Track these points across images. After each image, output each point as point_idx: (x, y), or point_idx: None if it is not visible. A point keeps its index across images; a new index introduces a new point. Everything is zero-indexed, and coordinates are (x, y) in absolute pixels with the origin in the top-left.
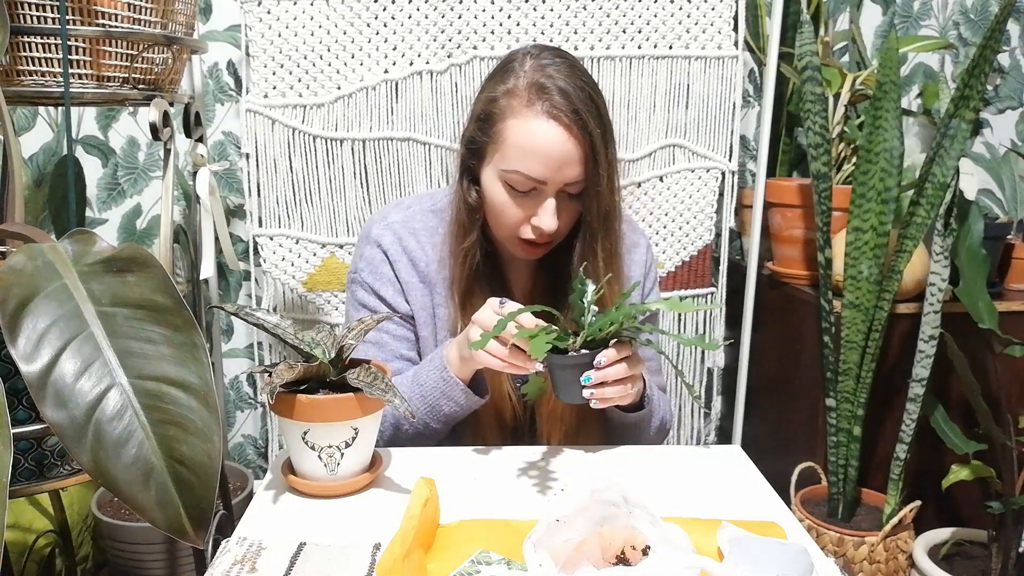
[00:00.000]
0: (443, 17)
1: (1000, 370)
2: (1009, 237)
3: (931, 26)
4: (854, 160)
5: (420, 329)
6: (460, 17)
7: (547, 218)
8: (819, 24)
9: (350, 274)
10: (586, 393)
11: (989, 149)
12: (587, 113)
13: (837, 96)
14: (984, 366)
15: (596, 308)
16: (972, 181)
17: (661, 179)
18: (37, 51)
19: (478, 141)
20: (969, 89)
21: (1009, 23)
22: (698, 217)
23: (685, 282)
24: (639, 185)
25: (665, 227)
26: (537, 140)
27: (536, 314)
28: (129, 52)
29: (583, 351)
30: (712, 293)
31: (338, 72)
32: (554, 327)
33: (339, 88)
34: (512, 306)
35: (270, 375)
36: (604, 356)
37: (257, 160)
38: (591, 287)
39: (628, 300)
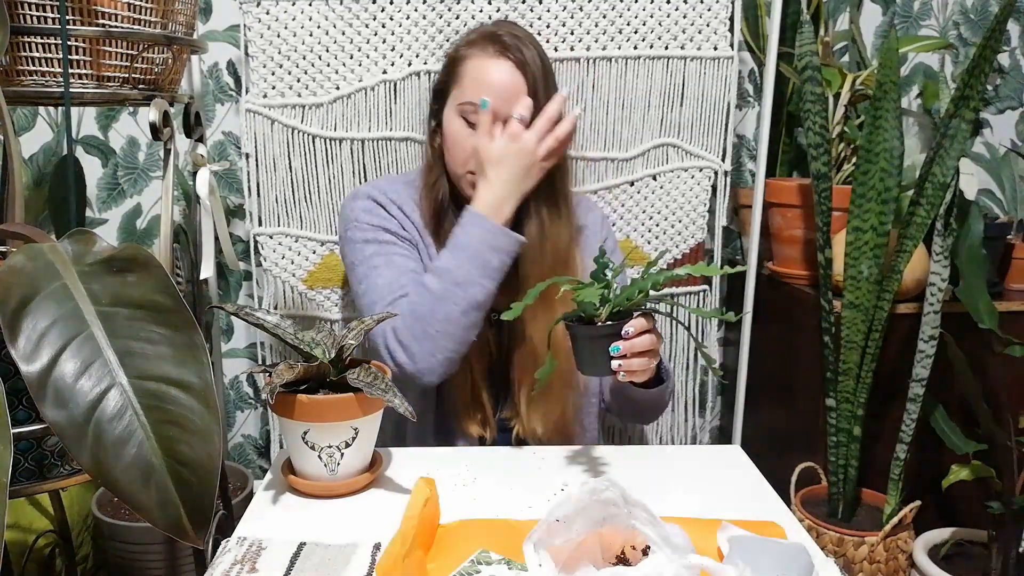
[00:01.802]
0: (441, 18)
1: (1000, 370)
2: (1009, 237)
3: (931, 26)
4: (854, 160)
5: (425, 259)
6: (458, 18)
7: None
8: (819, 24)
9: (346, 232)
10: (614, 364)
11: (989, 149)
12: (532, 60)
13: (837, 96)
14: (984, 366)
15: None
16: (972, 181)
17: (654, 178)
18: (37, 51)
19: (441, 84)
20: (969, 89)
21: (1009, 23)
22: (690, 216)
23: (676, 280)
24: (632, 184)
25: (657, 225)
26: (490, 74)
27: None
28: (129, 52)
29: (608, 322)
30: (704, 291)
31: (337, 72)
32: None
33: (338, 88)
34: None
35: (270, 375)
36: (632, 326)
37: (257, 160)
38: (612, 263)
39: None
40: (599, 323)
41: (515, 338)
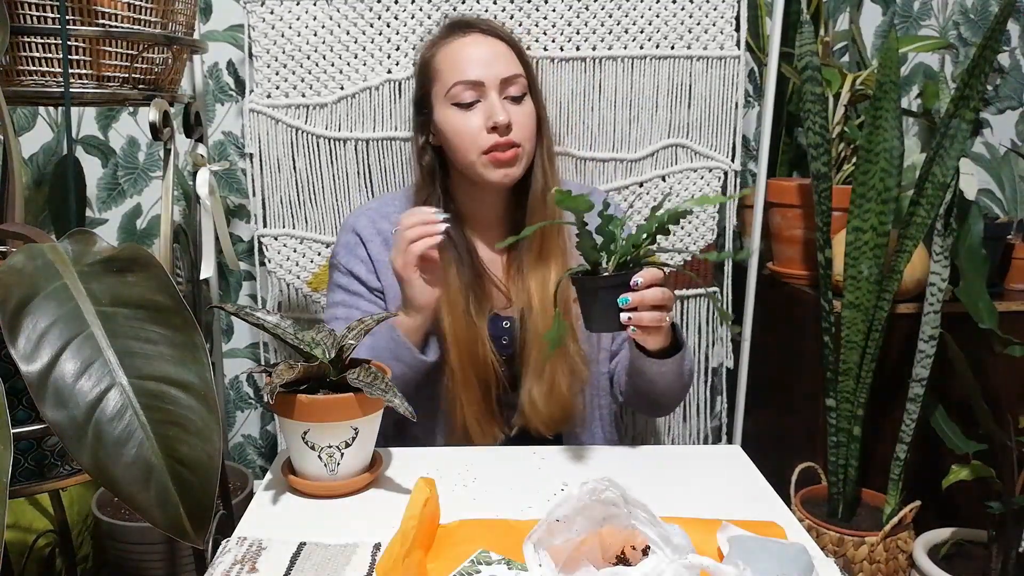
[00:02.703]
0: (445, 17)
1: (1000, 370)
2: (1009, 237)
3: (931, 26)
4: (854, 160)
5: (391, 306)
6: (463, 17)
7: (497, 112)
8: (819, 24)
9: (330, 260)
10: (623, 317)
11: (989, 149)
12: (502, 28)
13: (837, 96)
14: (984, 366)
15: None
16: (972, 181)
17: (663, 179)
18: (37, 51)
19: (421, 93)
20: (969, 89)
21: (1009, 23)
22: (700, 217)
23: (687, 281)
24: (641, 184)
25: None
26: (463, 50)
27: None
28: (129, 52)
29: (615, 273)
30: (714, 292)
31: (341, 72)
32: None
33: (342, 88)
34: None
35: (270, 375)
36: (641, 276)
37: (261, 160)
38: (617, 212)
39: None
40: (605, 274)
41: (523, 336)
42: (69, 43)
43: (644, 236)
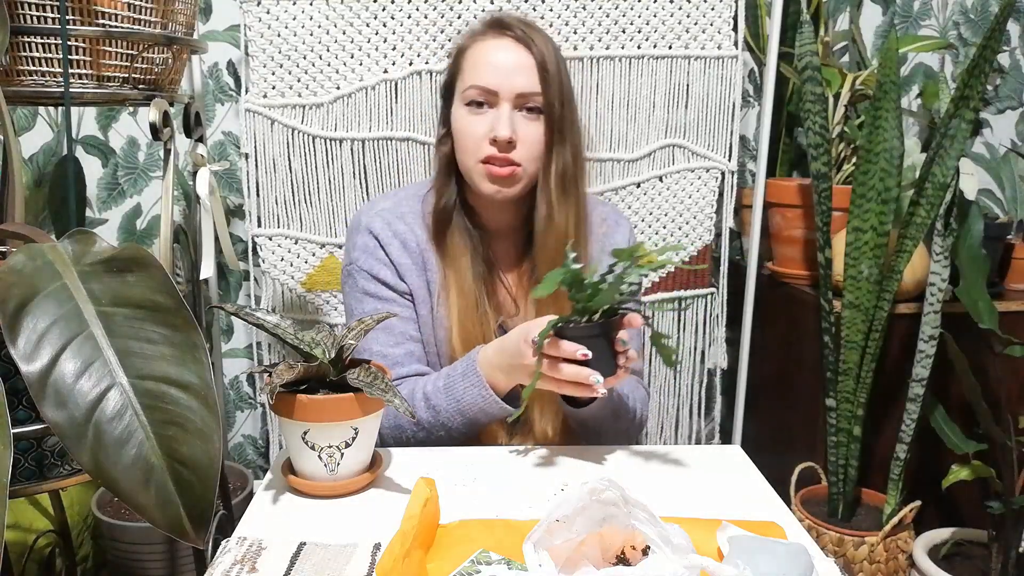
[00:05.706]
0: (442, 17)
1: (1000, 370)
2: (1009, 237)
3: (931, 26)
4: (854, 160)
5: (419, 308)
6: (460, 17)
7: (500, 125)
8: (819, 24)
9: (345, 267)
10: (621, 360)
11: (989, 149)
12: (537, 34)
13: (837, 96)
14: (984, 366)
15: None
16: (972, 181)
17: (661, 179)
18: (37, 51)
19: (447, 82)
20: (969, 89)
21: (1009, 23)
22: (697, 217)
23: (685, 282)
24: (638, 185)
25: (665, 227)
26: (489, 53)
27: None
28: (129, 52)
29: (601, 320)
30: (712, 293)
31: (337, 72)
32: (554, 317)
33: (338, 88)
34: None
35: (270, 375)
36: (631, 317)
37: (256, 160)
38: (572, 257)
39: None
40: (594, 321)
41: None
42: (69, 43)
43: (627, 283)
